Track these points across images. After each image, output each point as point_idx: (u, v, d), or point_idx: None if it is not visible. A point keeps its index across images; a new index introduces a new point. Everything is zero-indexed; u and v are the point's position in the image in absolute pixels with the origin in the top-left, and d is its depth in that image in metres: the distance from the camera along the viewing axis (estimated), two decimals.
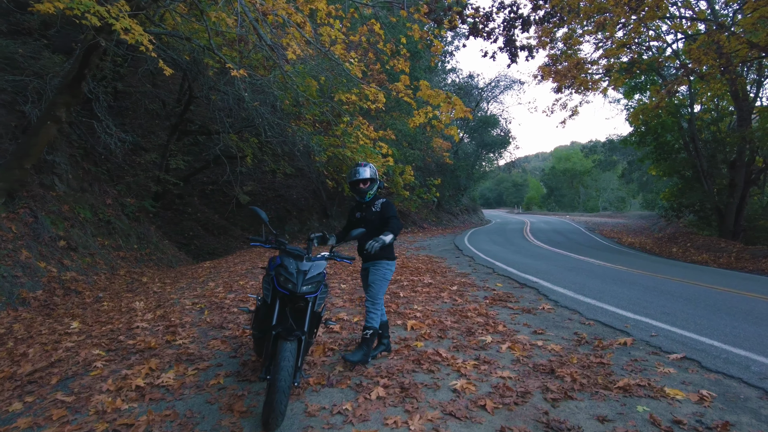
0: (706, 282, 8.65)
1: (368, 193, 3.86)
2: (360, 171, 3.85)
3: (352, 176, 3.90)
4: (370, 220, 3.87)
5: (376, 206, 3.90)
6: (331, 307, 5.64)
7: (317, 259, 3.06)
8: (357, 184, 3.86)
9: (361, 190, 3.84)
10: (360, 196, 3.89)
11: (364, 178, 3.82)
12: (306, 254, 3.04)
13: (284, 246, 3.07)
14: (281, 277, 2.88)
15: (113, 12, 6.97)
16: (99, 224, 11.70)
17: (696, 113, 20.37)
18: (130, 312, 6.48)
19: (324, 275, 3.05)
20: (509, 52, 7.86)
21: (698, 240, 18.19)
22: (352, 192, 3.94)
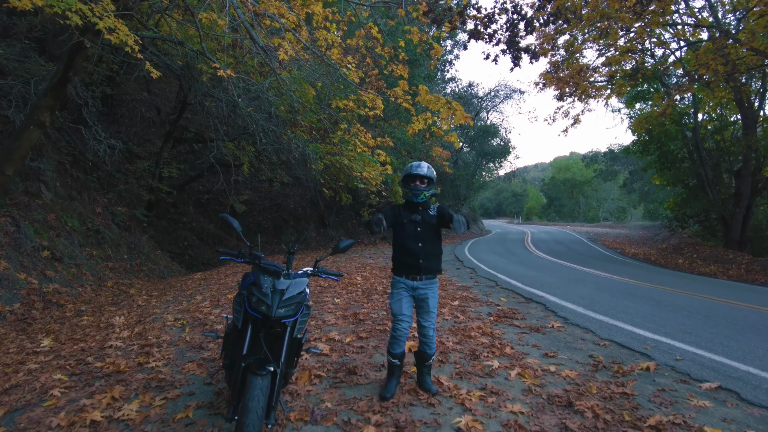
0: (720, 296, 8.21)
1: (424, 193, 3.35)
2: (420, 166, 3.38)
3: (410, 170, 3.43)
4: (429, 223, 3.37)
5: (432, 210, 3.41)
6: (322, 325, 5.19)
7: (297, 276, 2.61)
8: (414, 180, 3.38)
9: (417, 187, 3.36)
10: (414, 194, 3.37)
11: (423, 175, 3.34)
12: (284, 270, 2.60)
13: (259, 261, 2.63)
14: (253, 297, 2.44)
15: (97, 11, 6.60)
16: (87, 234, 11.28)
17: (700, 122, 20.04)
18: (108, 328, 6.03)
19: (306, 295, 2.62)
20: (512, 55, 7.50)
21: (704, 251, 17.75)
22: (405, 188, 3.46)
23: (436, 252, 3.41)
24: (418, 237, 3.33)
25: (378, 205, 21.95)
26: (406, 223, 3.37)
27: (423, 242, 3.32)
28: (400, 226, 3.39)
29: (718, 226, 19.81)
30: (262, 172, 17.93)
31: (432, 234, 3.38)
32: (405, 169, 3.48)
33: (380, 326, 5.02)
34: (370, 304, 6.31)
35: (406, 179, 3.43)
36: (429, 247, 3.35)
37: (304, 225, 22.29)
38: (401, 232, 3.39)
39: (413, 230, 3.35)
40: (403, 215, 3.41)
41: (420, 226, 3.35)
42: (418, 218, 3.36)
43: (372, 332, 4.81)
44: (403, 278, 3.33)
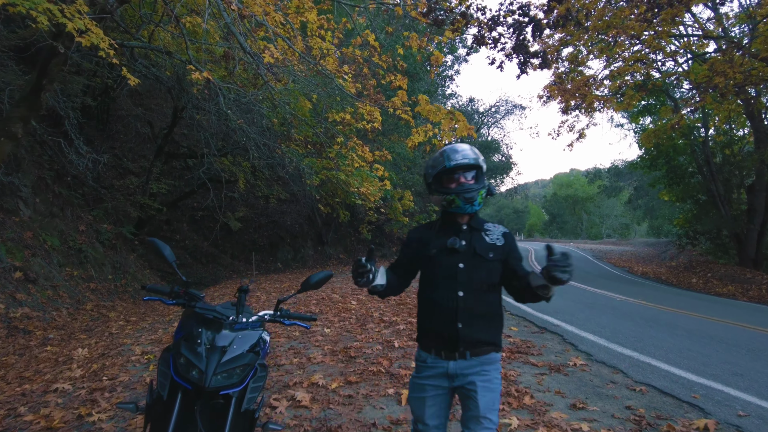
0: (753, 323, 7.45)
1: (480, 193, 1.94)
2: (461, 150, 1.96)
3: (444, 160, 1.95)
4: (480, 256, 1.93)
5: (492, 234, 2.01)
6: (306, 363, 4.44)
7: (247, 326, 1.89)
8: (453, 174, 1.95)
9: (464, 186, 1.92)
10: (464, 199, 1.91)
11: (470, 163, 1.92)
12: (228, 318, 1.87)
13: (195, 304, 1.90)
14: (181, 358, 1.74)
15: (68, 11, 6.01)
16: (68, 253, 10.60)
17: (710, 136, 19.45)
18: (65, 363, 5.31)
19: (262, 350, 1.93)
20: (519, 60, 6.92)
21: (718, 269, 16.97)
22: (439, 193, 1.99)
23: (491, 310, 1.94)
24: (459, 280, 1.90)
25: (377, 222, 21.29)
26: (436, 254, 1.96)
27: (466, 290, 1.89)
28: (428, 261, 1.99)
29: (731, 244, 19.06)
30: (258, 189, 17.34)
31: (484, 275, 1.92)
32: (432, 160, 2.03)
33: (374, 366, 4.28)
34: (364, 336, 5.57)
35: (440, 178, 1.99)
36: (477, 299, 1.90)
37: (301, 242, 21.60)
38: (429, 271, 2.00)
39: (450, 267, 1.93)
40: (432, 241, 2.00)
41: (464, 259, 1.93)
42: (459, 245, 1.93)
43: (364, 374, 4.07)
44: (432, 356, 1.92)
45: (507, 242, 2.01)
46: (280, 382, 3.95)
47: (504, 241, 2.01)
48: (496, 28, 6.76)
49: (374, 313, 7.12)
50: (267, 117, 10.86)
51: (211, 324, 1.83)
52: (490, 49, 7.03)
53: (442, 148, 2.04)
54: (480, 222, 2.05)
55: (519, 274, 1.96)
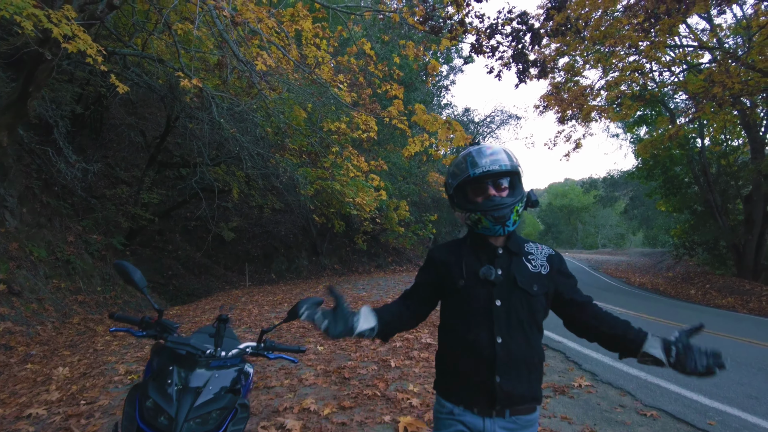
0: (762, 339, 7.25)
1: (515, 209, 1.52)
2: (487, 155, 1.54)
3: (468, 167, 1.54)
4: (522, 289, 1.54)
5: (536, 258, 1.61)
6: (297, 386, 4.20)
7: (226, 362, 1.66)
8: (481, 183, 1.54)
9: (495, 201, 1.52)
10: (496, 217, 1.51)
11: (500, 170, 1.51)
12: (204, 353, 1.64)
13: (167, 337, 1.67)
14: (148, 400, 1.51)
15: (54, 17, 5.83)
16: (55, 264, 10.33)
17: (707, 146, 19.44)
18: (44, 383, 5.04)
19: (245, 387, 1.71)
20: (518, 69, 6.78)
21: (717, 280, 16.84)
22: (461, 208, 1.59)
23: (534, 356, 1.56)
24: (496, 321, 1.51)
25: (373, 232, 21.07)
26: (465, 285, 1.56)
27: (506, 334, 1.51)
28: (454, 294, 1.59)
29: (729, 254, 18.97)
30: (252, 198, 17.13)
31: (527, 314, 1.53)
32: (454, 166, 1.62)
33: (369, 388, 4.04)
34: (359, 354, 5.33)
35: (464, 189, 1.58)
36: (518, 344, 1.52)
37: (296, 253, 21.34)
38: (456, 307, 1.60)
39: (484, 304, 1.53)
40: (460, 267, 1.58)
41: (502, 294, 1.53)
42: (495, 275, 1.54)
43: (358, 398, 3.84)
44: (460, 409, 1.56)
45: (553, 268, 1.60)
46: (269, 407, 3.71)
47: (549, 268, 1.59)
48: (494, 36, 6.63)
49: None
50: (261, 126, 10.69)
51: (184, 361, 1.60)
52: (488, 58, 6.91)
53: (467, 149, 1.61)
54: (520, 243, 1.62)
55: (578, 301, 1.60)
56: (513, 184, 1.56)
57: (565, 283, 1.61)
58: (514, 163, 1.55)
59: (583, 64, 16.06)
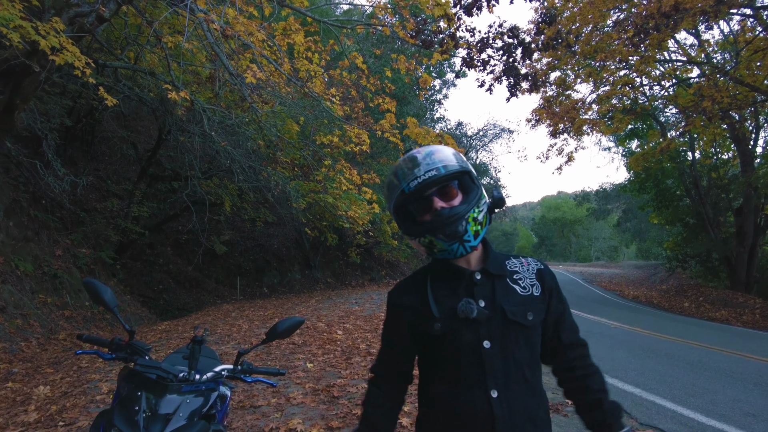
0: (753, 352, 7.21)
1: (470, 218, 1.18)
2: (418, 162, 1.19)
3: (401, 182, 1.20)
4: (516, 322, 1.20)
5: (524, 277, 1.27)
6: (285, 405, 4.08)
7: (199, 387, 1.56)
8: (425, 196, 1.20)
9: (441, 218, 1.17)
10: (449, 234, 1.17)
11: (438, 176, 1.16)
12: (176, 377, 1.55)
13: (137, 359, 1.58)
14: (112, 429, 1.41)
15: (42, 29, 5.79)
16: (42, 279, 10.16)
17: (698, 159, 19.64)
18: (23, 403, 4.88)
19: (220, 413, 1.62)
20: (509, 83, 6.81)
21: (710, 293, 16.85)
22: (409, 234, 1.26)
23: (538, 405, 1.22)
24: (488, 370, 1.18)
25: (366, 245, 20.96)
26: (441, 329, 1.21)
27: (503, 385, 1.17)
28: (431, 342, 1.25)
29: (721, 267, 19.04)
30: (245, 211, 17.03)
31: (526, 353, 1.21)
32: (386, 186, 1.31)
33: (358, 408, 3.94)
34: (349, 371, 5.22)
35: (405, 208, 1.26)
36: (520, 395, 1.18)
37: (288, 266, 21.18)
38: (434, 358, 1.28)
39: (470, 350, 1.19)
40: (429, 308, 1.23)
41: (490, 333, 1.19)
42: (478, 310, 1.18)
43: (347, 418, 3.73)
44: None
45: (546, 287, 1.27)
46: (255, 427, 3.59)
47: (541, 288, 1.26)
48: (485, 50, 6.66)
49: (361, 345, 6.76)
50: (253, 140, 10.65)
51: (154, 385, 1.51)
52: (479, 72, 6.93)
53: (399, 160, 1.27)
54: (500, 261, 1.28)
55: (563, 342, 1.29)
56: (465, 187, 1.23)
57: (555, 310, 1.28)
58: (459, 161, 1.21)
59: (574, 78, 16.23)
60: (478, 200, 1.20)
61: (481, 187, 1.25)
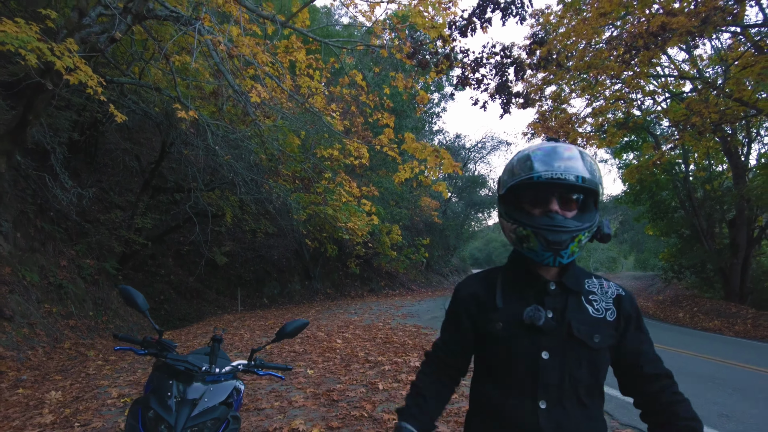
0: (739, 359, 7.45)
1: (578, 238, 1.15)
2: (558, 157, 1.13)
3: (533, 167, 1.15)
4: (580, 340, 1.17)
5: (599, 299, 1.24)
6: (287, 407, 4.32)
7: (220, 378, 1.84)
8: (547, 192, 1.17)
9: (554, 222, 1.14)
10: (551, 242, 1.13)
11: (572, 182, 1.12)
12: (201, 369, 1.82)
13: (167, 355, 1.85)
14: (150, 411, 1.68)
15: (57, 50, 6.11)
16: (48, 289, 10.38)
17: (691, 171, 19.98)
18: (37, 407, 5.11)
19: (236, 401, 1.87)
20: (502, 101, 7.13)
21: (704, 303, 17.07)
22: (509, 218, 1.22)
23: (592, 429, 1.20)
24: (542, 380, 1.17)
25: (365, 256, 21.19)
26: (503, 330, 1.22)
27: (553, 398, 1.17)
28: (489, 340, 1.26)
29: (716, 278, 19.27)
30: (246, 223, 17.28)
31: (585, 373, 1.17)
32: (515, 161, 1.23)
33: (356, 410, 4.18)
34: (348, 377, 5.46)
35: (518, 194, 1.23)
36: (571, 414, 1.17)
37: (288, 277, 21.37)
38: (490, 358, 1.28)
39: (527, 357, 1.19)
40: (495, 306, 1.25)
41: (551, 344, 1.18)
42: (545, 319, 1.18)
43: (346, 420, 3.97)
44: None
45: (623, 313, 1.23)
46: (259, 427, 3.83)
47: (617, 314, 1.23)
48: (479, 69, 6.98)
49: (360, 353, 7.00)
50: (255, 153, 10.95)
51: (182, 376, 1.78)
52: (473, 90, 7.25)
53: (537, 145, 1.21)
54: (579, 277, 1.26)
55: (645, 373, 1.21)
56: (586, 204, 1.20)
57: (633, 338, 1.23)
58: (595, 177, 1.15)
59: (569, 93, 16.58)
60: (591, 225, 1.18)
61: (599, 212, 1.23)
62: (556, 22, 15.02)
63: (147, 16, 7.59)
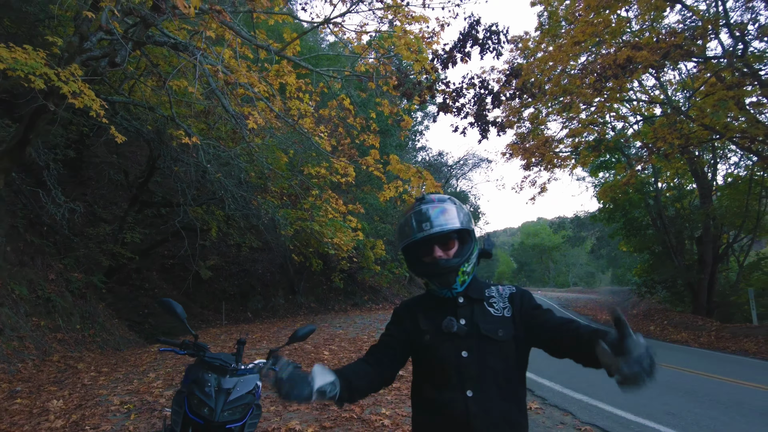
0: (698, 368, 8.08)
1: (460, 271, 1.51)
2: (427, 218, 1.49)
3: (411, 231, 1.51)
4: (487, 336, 1.49)
5: (497, 302, 1.56)
6: (282, 411, 4.74)
7: (247, 372, 2.30)
8: (428, 244, 1.52)
9: (441, 265, 1.51)
10: (440, 282, 1.53)
11: (444, 231, 1.48)
12: (232, 365, 2.28)
13: (203, 354, 2.31)
14: (194, 398, 2.12)
15: (63, 75, 6.50)
16: (36, 302, 10.53)
17: (661, 190, 20.93)
18: (42, 414, 5.39)
19: (257, 393, 2.31)
20: (480, 128, 7.74)
21: (674, 317, 17.86)
22: (412, 270, 1.63)
23: (514, 413, 1.48)
24: (465, 375, 1.46)
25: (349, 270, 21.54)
26: (430, 340, 1.53)
27: (477, 388, 1.45)
28: (423, 351, 1.56)
29: (686, 292, 20.14)
30: (231, 237, 17.50)
31: (499, 363, 1.47)
32: (401, 225, 1.58)
33: (347, 413, 4.61)
34: None
35: (410, 248, 1.58)
36: (494, 399, 1.45)
37: (273, 291, 21.57)
38: (424, 364, 1.58)
39: (451, 358, 1.49)
40: (423, 322, 1.57)
41: (467, 345, 1.49)
42: (458, 326, 1.50)
43: (337, 421, 4.40)
44: None
45: (516, 306, 1.53)
46: (259, 428, 4.23)
47: (512, 309, 1.52)
48: (459, 99, 7.58)
49: (346, 363, 7.41)
50: (245, 171, 11.33)
51: (217, 370, 2.23)
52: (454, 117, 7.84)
53: (413, 206, 1.55)
54: (481, 288, 1.58)
55: (558, 327, 1.44)
56: (463, 239, 1.50)
57: (533, 314, 1.51)
58: (462, 220, 1.47)
59: (547, 114, 17.41)
60: (470, 255, 1.51)
61: (475, 242, 1.54)
62: (534, 47, 15.87)
63: (146, 42, 8.02)
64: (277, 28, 13.57)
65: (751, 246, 19.25)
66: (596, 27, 11.98)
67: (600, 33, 12.42)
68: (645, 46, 10.37)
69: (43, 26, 11.42)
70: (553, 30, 16.00)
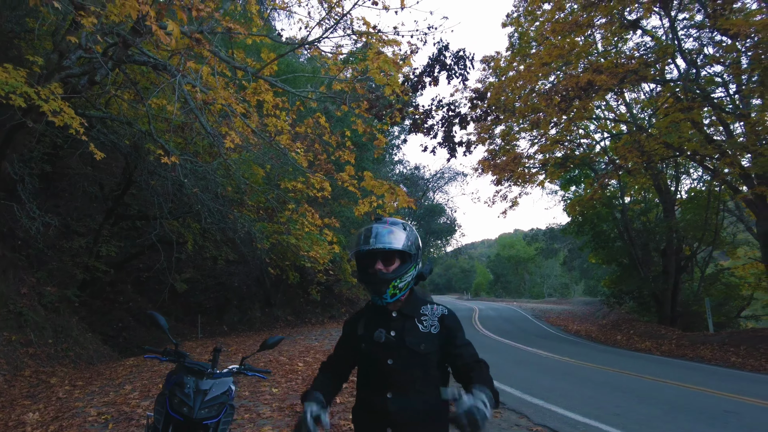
0: (654, 374, 8.58)
1: (392, 284, 1.75)
2: (376, 234, 1.76)
3: (359, 243, 1.79)
4: (411, 349, 1.73)
5: (427, 320, 1.79)
6: (256, 418, 4.98)
7: (222, 375, 2.60)
8: (373, 257, 1.77)
9: (378, 276, 1.74)
10: (374, 289, 1.77)
11: (385, 250, 1.74)
12: (208, 369, 2.58)
13: (184, 360, 2.62)
14: (176, 398, 2.41)
15: (43, 93, 6.68)
16: (7, 316, 10.46)
17: (627, 204, 21.79)
18: (17, 427, 5.50)
19: (231, 394, 2.61)
20: (448, 148, 8.18)
21: (640, 327, 18.56)
22: (358, 279, 1.93)
23: (431, 413, 1.72)
24: (388, 379, 1.74)
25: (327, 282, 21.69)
26: (365, 348, 1.80)
27: (397, 391, 1.73)
28: (360, 357, 1.85)
29: (652, 302, 20.92)
30: (207, 250, 17.51)
31: (419, 372, 1.73)
32: (354, 236, 1.88)
33: None
34: None
35: (359, 261, 1.86)
36: (411, 401, 1.71)
37: (249, 304, 21.56)
38: (361, 369, 1.88)
39: (379, 364, 1.76)
40: (361, 333, 1.84)
41: (393, 354, 1.74)
42: (387, 337, 1.76)
43: None
44: None
45: (444, 327, 1.76)
46: None
47: (440, 327, 1.75)
48: (428, 120, 8.01)
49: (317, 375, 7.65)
50: (222, 185, 11.51)
51: (196, 374, 2.53)
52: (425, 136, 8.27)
53: (370, 224, 1.82)
54: (415, 306, 1.81)
55: (457, 364, 1.74)
56: (403, 259, 1.76)
57: (453, 344, 1.75)
58: (405, 244, 1.74)
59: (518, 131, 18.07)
60: (405, 273, 1.76)
61: (414, 263, 1.80)
62: (505, 66, 16.54)
63: (126, 61, 8.24)
64: (256, 46, 13.86)
65: (710, 258, 20.19)
66: (562, 50, 12.67)
67: (566, 55, 13.12)
68: (605, 70, 11.03)
69: (18, 39, 11.47)
70: (524, 50, 16.72)
